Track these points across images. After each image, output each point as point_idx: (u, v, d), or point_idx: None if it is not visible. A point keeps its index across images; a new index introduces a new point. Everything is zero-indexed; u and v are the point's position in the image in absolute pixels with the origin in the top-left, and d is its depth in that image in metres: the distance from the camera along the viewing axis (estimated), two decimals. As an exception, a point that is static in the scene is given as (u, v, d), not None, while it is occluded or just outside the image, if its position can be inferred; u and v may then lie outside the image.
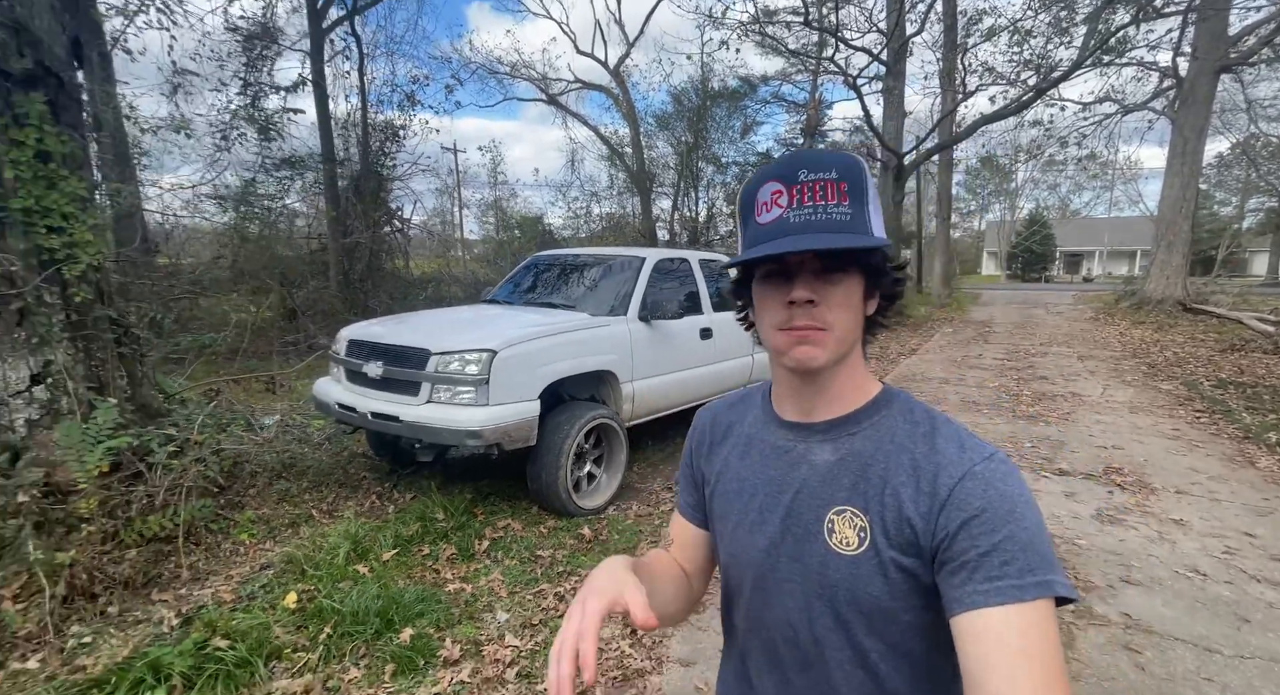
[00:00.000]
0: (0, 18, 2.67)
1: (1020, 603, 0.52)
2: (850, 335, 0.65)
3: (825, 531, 0.65)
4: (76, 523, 2.58)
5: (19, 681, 2.09)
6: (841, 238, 0.60)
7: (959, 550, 0.56)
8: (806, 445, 0.69)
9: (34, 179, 2.76)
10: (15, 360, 2.74)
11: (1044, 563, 0.54)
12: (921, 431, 0.64)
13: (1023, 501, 0.57)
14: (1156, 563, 2.85)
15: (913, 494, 0.60)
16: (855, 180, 0.62)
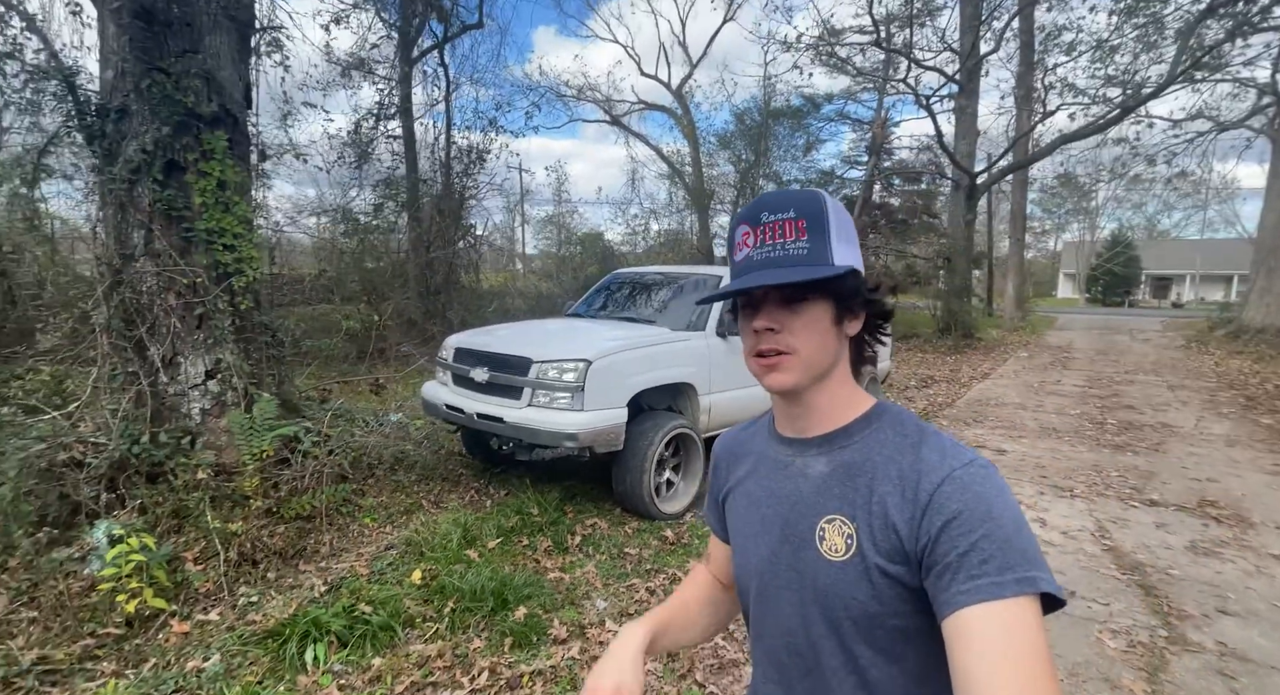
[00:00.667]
0: (196, 69, 3.17)
1: (999, 599, 0.53)
2: (820, 357, 0.68)
3: (817, 539, 0.68)
4: (241, 499, 2.99)
5: (206, 630, 2.46)
6: (793, 272, 0.65)
7: (941, 553, 0.58)
8: (804, 459, 0.73)
9: (215, 204, 3.24)
10: (195, 357, 3.20)
11: (1024, 560, 0.55)
12: (909, 442, 0.66)
13: (999, 502, 0.58)
14: (1254, 595, 2.81)
15: (898, 501, 0.63)
16: (813, 216, 0.67)
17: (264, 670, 2.24)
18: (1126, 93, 12.83)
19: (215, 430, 3.22)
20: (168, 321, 3.15)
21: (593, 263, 18.74)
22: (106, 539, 2.60)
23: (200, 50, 3.22)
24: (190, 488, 2.87)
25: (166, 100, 3.06)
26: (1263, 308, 14.03)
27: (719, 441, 0.92)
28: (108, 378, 2.97)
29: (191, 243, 3.23)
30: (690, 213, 22.29)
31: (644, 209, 22.52)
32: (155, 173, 3.07)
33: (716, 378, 4.20)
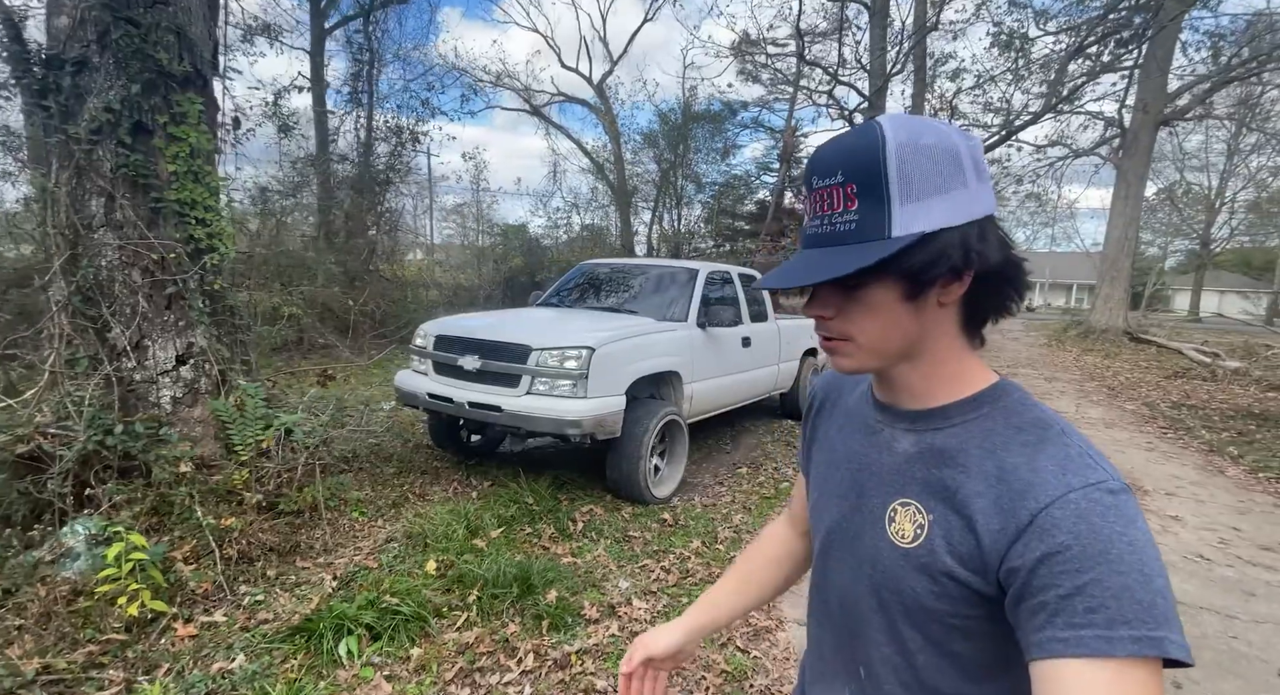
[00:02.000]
0: (166, 23, 2.87)
1: (1107, 658, 0.46)
2: (887, 342, 0.60)
3: (886, 519, 0.64)
4: (227, 493, 2.76)
5: (215, 632, 2.28)
6: (818, 266, 0.57)
7: (1037, 588, 0.50)
8: (892, 431, 0.67)
9: (186, 173, 2.95)
10: (164, 341, 2.90)
11: (1146, 615, 0.47)
12: (1024, 439, 0.57)
13: (1123, 540, 0.49)
14: (1167, 550, 3.37)
15: (988, 506, 0.55)
16: (866, 174, 0.55)
17: (300, 667, 2.12)
18: (1008, 119, 14.45)
19: (189, 421, 2.94)
20: (132, 300, 2.83)
21: (516, 255, 18.37)
22: (85, 539, 2.33)
23: (170, 2, 2.91)
24: (174, 482, 2.61)
25: (137, 54, 2.74)
26: (1106, 311, 16.36)
27: (820, 379, 0.85)
28: (66, 362, 2.62)
29: (159, 214, 2.91)
30: (613, 208, 22.42)
31: (566, 202, 22.35)
32: (122, 134, 2.74)
33: (698, 367, 4.37)
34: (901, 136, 0.54)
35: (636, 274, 5.16)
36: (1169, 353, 12.75)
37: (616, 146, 22.41)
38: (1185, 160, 28.69)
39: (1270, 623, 2.66)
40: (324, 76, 12.73)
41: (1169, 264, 41.25)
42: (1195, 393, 8.81)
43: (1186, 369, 10.98)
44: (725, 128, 22.83)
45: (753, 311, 5.38)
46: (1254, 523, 3.79)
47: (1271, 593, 2.93)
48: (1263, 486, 4.50)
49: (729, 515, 3.79)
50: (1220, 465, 5.01)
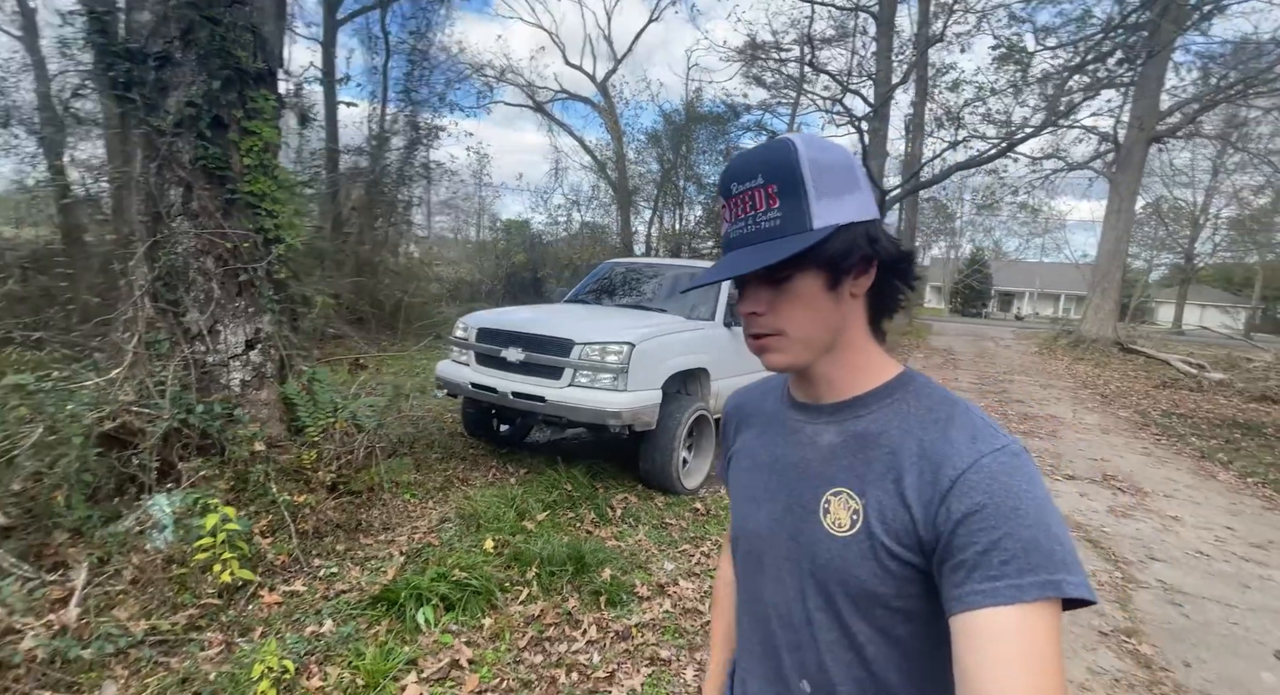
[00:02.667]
0: (243, 22, 3.00)
1: (1019, 604, 0.50)
2: (816, 332, 0.64)
3: (821, 511, 0.64)
4: (296, 472, 2.90)
5: (300, 600, 2.42)
6: (758, 253, 0.60)
7: (958, 547, 0.54)
8: (814, 427, 0.69)
9: (258, 167, 3.08)
10: (235, 326, 3.03)
11: (1049, 561, 0.51)
12: (935, 417, 0.61)
13: (1029, 497, 0.54)
14: (1170, 546, 3.60)
15: (915, 481, 0.58)
16: (783, 176, 0.60)
17: (386, 632, 2.27)
18: (1009, 130, 14.78)
19: (256, 403, 3.07)
20: (207, 286, 2.96)
21: (519, 251, 18.47)
22: (170, 512, 2.46)
23: (247, 2, 3.04)
24: (249, 460, 2.75)
25: (218, 52, 2.87)
26: (1097, 322, 16.77)
27: (730, 398, 0.88)
28: (146, 344, 2.75)
29: (233, 205, 3.03)
30: (614, 206, 22.54)
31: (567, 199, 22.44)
32: (202, 128, 2.87)
33: (724, 364, 4.54)
34: (808, 147, 0.60)
35: (661, 274, 5.33)
36: (1157, 363, 13.13)
37: (618, 145, 22.54)
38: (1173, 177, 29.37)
39: (1265, 611, 2.89)
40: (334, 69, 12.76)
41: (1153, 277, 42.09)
42: (1183, 402, 9.13)
43: (1174, 379, 11.33)
44: (728, 129, 23.05)
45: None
46: (1245, 523, 4.03)
47: (1264, 585, 3.16)
48: (1251, 491, 4.77)
49: (756, 506, 3.97)
50: (1211, 470, 5.27)
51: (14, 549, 2.14)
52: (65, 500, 2.30)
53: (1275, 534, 3.87)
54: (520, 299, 16.21)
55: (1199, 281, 38.16)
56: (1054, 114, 14.55)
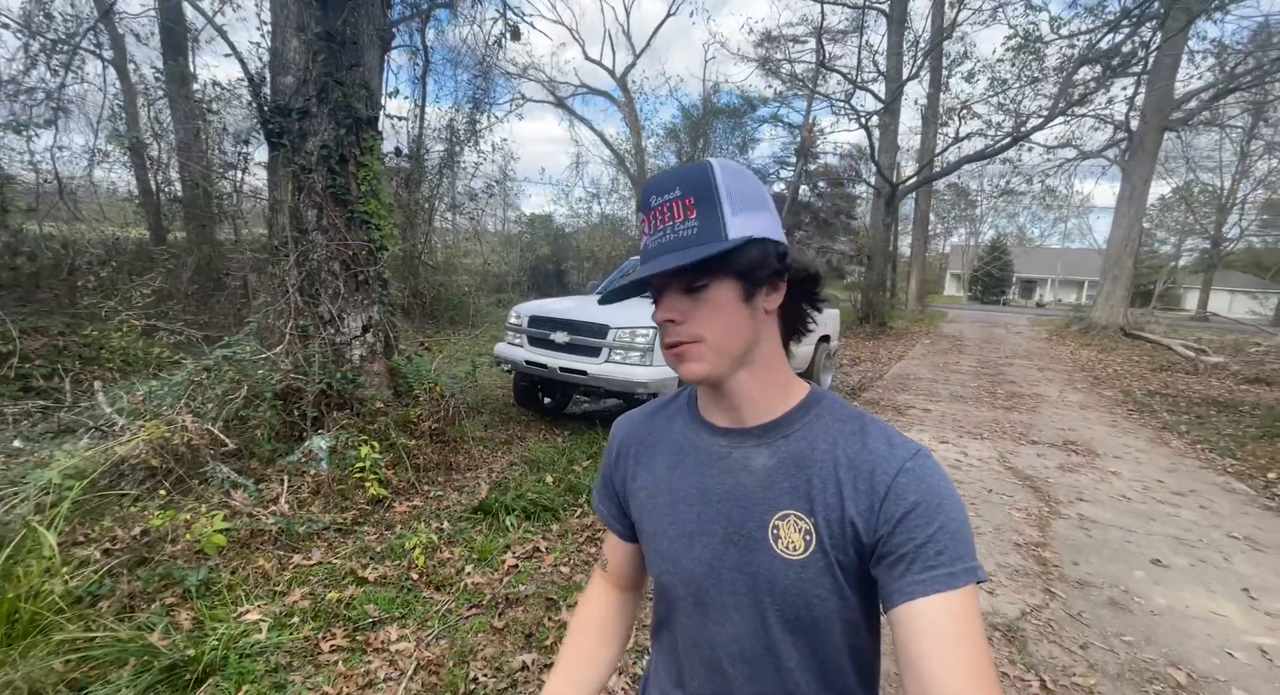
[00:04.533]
0: (359, 80, 3.90)
1: (953, 589, 0.55)
2: (732, 341, 0.64)
3: (770, 538, 0.64)
4: (405, 424, 3.84)
5: (420, 510, 3.36)
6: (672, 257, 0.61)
7: (897, 543, 0.58)
8: (743, 451, 0.68)
9: (369, 192, 4.00)
10: (355, 315, 3.97)
11: (970, 550, 0.58)
12: (851, 429, 0.65)
13: (949, 494, 0.60)
14: (1100, 492, 4.38)
15: (851, 493, 0.62)
16: (700, 190, 0.62)
17: (485, 530, 3.19)
18: (1018, 120, 15.22)
19: (370, 373, 4.01)
20: (335, 284, 3.89)
21: (543, 244, 19.39)
22: (326, 448, 3.41)
23: (361, 64, 3.94)
24: (375, 414, 3.69)
25: (344, 106, 3.78)
26: (1107, 309, 17.17)
27: (619, 424, 0.85)
28: (298, 328, 3.69)
29: (352, 221, 3.96)
30: (632, 199, 23.33)
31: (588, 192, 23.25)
32: (332, 163, 3.79)
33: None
34: (723, 168, 0.63)
35: (682, 268, 6.18)
36: (1161, 348, 13.60)
37: (637, 138, 23.31)
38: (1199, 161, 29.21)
39: (1161, 535, 3.67)
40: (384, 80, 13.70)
41: (1182, 262, 41.56)
42: (1174, 384, 9.72)
43: (1173, 363, 11.86)
44: (744, 122, 23.68)
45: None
46: (1177, 478, 4.78)
47: (1168, 519, 3.94)
48: (1196, 454, 5.49)
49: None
50: (1167, 439, 5.99)
51: (236, 468, 3.10)
52: (262, 436, 3.25)
53: (1199, 486, 4.62)
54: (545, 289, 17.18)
55: (1227, 267, 37.66)
56: (1067, 102, 14.91)
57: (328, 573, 2.59)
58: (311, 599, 2.39)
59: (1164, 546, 3.49)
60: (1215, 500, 4.28)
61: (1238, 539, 3.61)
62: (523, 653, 2.23)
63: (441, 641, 2.27)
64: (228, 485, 2.85)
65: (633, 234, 21.82)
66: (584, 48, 29.10)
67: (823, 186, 22.73)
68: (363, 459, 3.21)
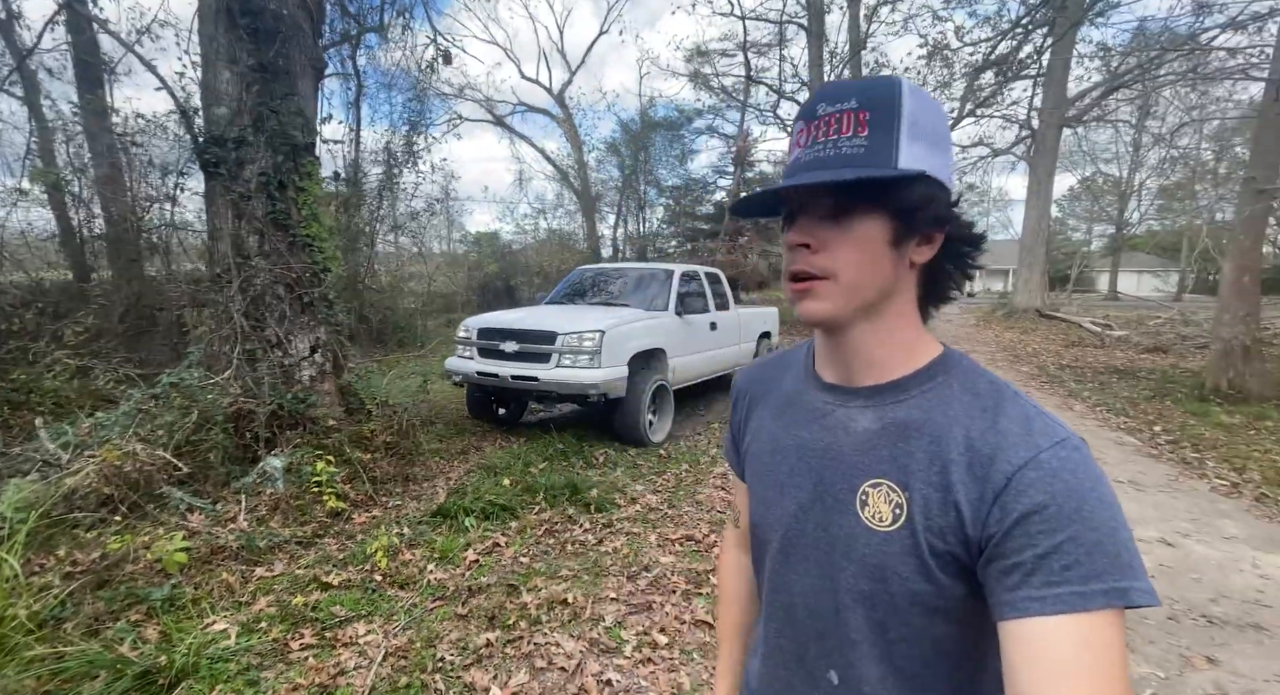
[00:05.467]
0: (295, 108, 4.01)
1: (1083, 612, 0.47)
2: (867, 284, 0.58)
3: (858, 504, 0.60)
4: (357, 439, 3.94)
5: (379, 519, 3.46)
6: (828, 174, 0.55)
7: (1013, 549, 0.50)
8: (846, 410, 0.63)
9: (310, 216, 4.10)
10: (302, 337, 4.05)
11: (1115, 567, 0.48)
12: (983, 405, 0.57)
13: (1094, 497, 0.49)
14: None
15: (963, 476, 0.54)
16: (881, 107, 0.55)
17: (445, 531, 3.33)
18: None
19: (321, 392, 4.08)
20: (280, 307, 3.96)
21: (491, 261, 19.40)
22: (281, 467, 3.48)
23: (296, 92, 4.05)
24: (328, 432, 3.77)
25: (280, 134, 3.88)
26: (1025, 294, 18.41)
27: (740, 374, 0.83)
28: (245, 352, 3.75)
29: (295, 246, 4.04)
30: (579, 212, 23.60)
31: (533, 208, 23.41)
32: (271, 190, 3.88)
33: (678, 346, 5.68)
34: (913, 91, 0.56)
35: (623, 275, 6.45)
36: (1073, 326, 14.72)
37: (579, 154, 23.65)
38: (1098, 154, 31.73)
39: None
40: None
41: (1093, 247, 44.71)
42: (1083, 357, 10.60)
43: (1084, 339, 12.88)
44: (682, 134, 24.37)
45: (717, 302, 6.73)
46: (1077, 435, 5.31)
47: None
48: (1095, 416, 6.09)
49: (705, 450, 5.11)
50: (1071, 404, 6.60)
51: (189, 491, 3.15)
52: (215, 460, 3.30)
53: (1095, 442, 5.14)
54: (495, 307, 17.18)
55: (1133, 249, 40.74)
56: (974, 104, 16.06)
57: (291, 581, 2.69)
58: (278, 605, 2.49)
59: (1061, 494, 3.92)
60: (1107, 452, 4.79)
61: (1123, 482, 4.09)
62: (485, 632, 2.40)
63: (408, 632, 2.41)
64: (184, 507, 2.91)
65: (580, 248, 22.09)
66: (520, 67, 29.40)
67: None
68: (319, 474, 3.30)
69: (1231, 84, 17.18)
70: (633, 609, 2.62)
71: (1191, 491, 4.05)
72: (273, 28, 3.85)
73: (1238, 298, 6.89)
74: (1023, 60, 16.78)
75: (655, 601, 2.68)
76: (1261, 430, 5.48)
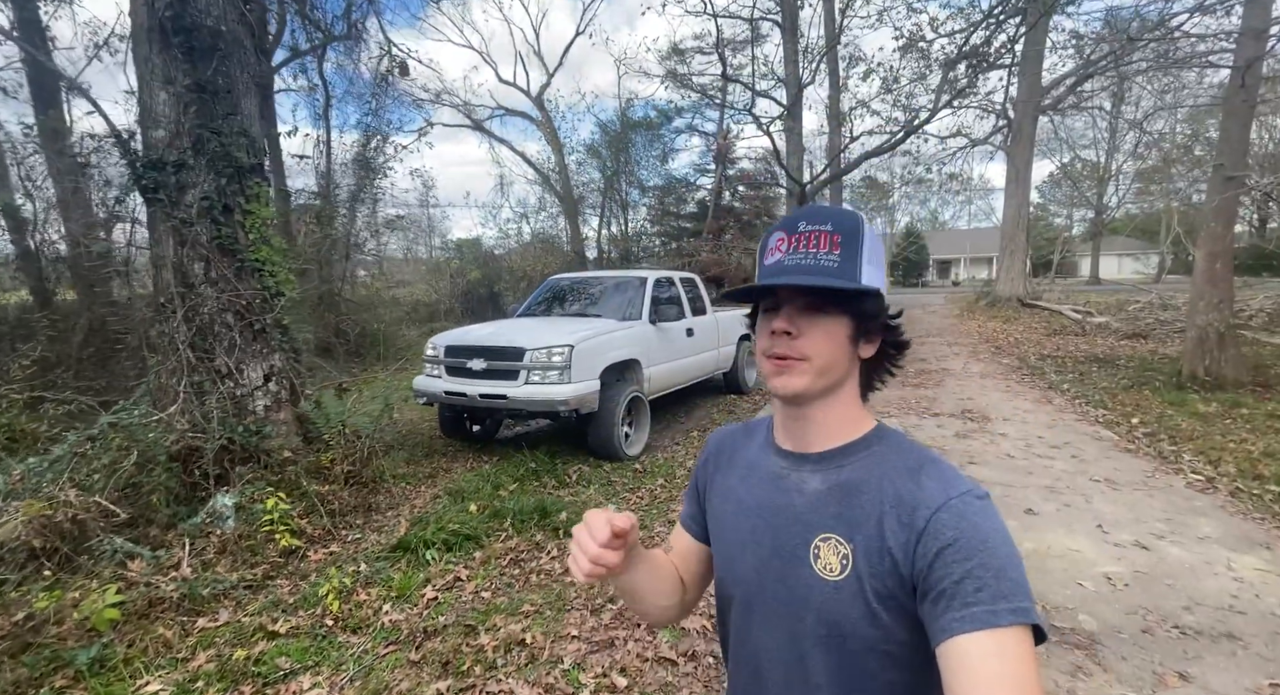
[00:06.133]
0: (238, 128, 3.86)
1: (993, 628, 0.54)
2: (833, 368, 0.70)
3: (810, 557, 0.68)
4: (316, 471, 3.80)
5: (337, 556, 3.33)
6: (819, 279, 0.67)
7: (935, 579, 0.58)
8: (799, 474, 0.73)
9: (259, 240, 3.96)
10: (254, 365, 3.90)
11: (1018, 592, 0.56)
12: (909, 467, 0.67)
13: (995, 533, 0.59)
14: (989, 455, 4.79)
15: (894, 525, 0.63)
16: (849, 233, 0.69)
17: (405, 566, 3.21)
18: (910, 115, 16.27)
19: (277, 422, 3.94)
20: (230, 335, 3.82)
21: (473, 268, 19.20)
22: (231, 504, 3.34)
23: (239, 111, 3.90)
24: (284, 464, 3.64)
25: (223, 155, 3.73)
26: (1007, 282, 18.48)
27: (716, 434, 0.92)
28: (193, 385, 3.60)
29: (243, 271, 3.90)
30: (562, 216, 23.41)
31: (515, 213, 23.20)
32: (216, 215, 3.73)
33: (652, 355, 5.58)
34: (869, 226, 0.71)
35: (595, 284, 6.33)
36: (1055, 314, 14.77)
37: (559, 156, 23.45)
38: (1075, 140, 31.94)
39: (1035, 487, 4.06)
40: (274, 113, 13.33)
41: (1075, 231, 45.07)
42: (1065, 346, 10.60)
43: (1065, 327, 12.91)
44: (662, 134, 24.26)
45: (694, 307, 6.63)
46: (1055, 432, 5.27)
47: (1043, 471, 4.35)
48: (1075, 409, 6.05)
49: (682, 462, 5.01)
50: (1051, 397, 6.57)
51: (131, 537, 3.00)
52: (158, 502, 3.16)
53: (1073, 437, 5.11)
54: (479, 314, 16.98)
55: (1113, 233, 41.10)
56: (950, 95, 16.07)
57: (235, 632, 2.56)
58: (218, 661, 2.37)
59: (1037, 497, 3.86)
60: (1085, 449, 4.75)
61: (1099, 481, 4.04)
62: (438, 681, 2.29)
63: (356, 684, 2.29)
64: (121, 556, 2.77)
65: (565, 249, 21.90)
66: (497, 70, 29.13)
67: (743, 190, 23.54)
68: (270, 511, 3.17)
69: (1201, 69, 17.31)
70: (593, 647, 2.51)
71: (1167, 488, 4.01)
72: (209, 45, 3.71)
73: (1211, 285, 6.89)
74: (997, 49, 16.84)
75: (618, 637, 2.58)
76: (1237, 419, 5.47)
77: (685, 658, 2.43)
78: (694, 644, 2.52)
